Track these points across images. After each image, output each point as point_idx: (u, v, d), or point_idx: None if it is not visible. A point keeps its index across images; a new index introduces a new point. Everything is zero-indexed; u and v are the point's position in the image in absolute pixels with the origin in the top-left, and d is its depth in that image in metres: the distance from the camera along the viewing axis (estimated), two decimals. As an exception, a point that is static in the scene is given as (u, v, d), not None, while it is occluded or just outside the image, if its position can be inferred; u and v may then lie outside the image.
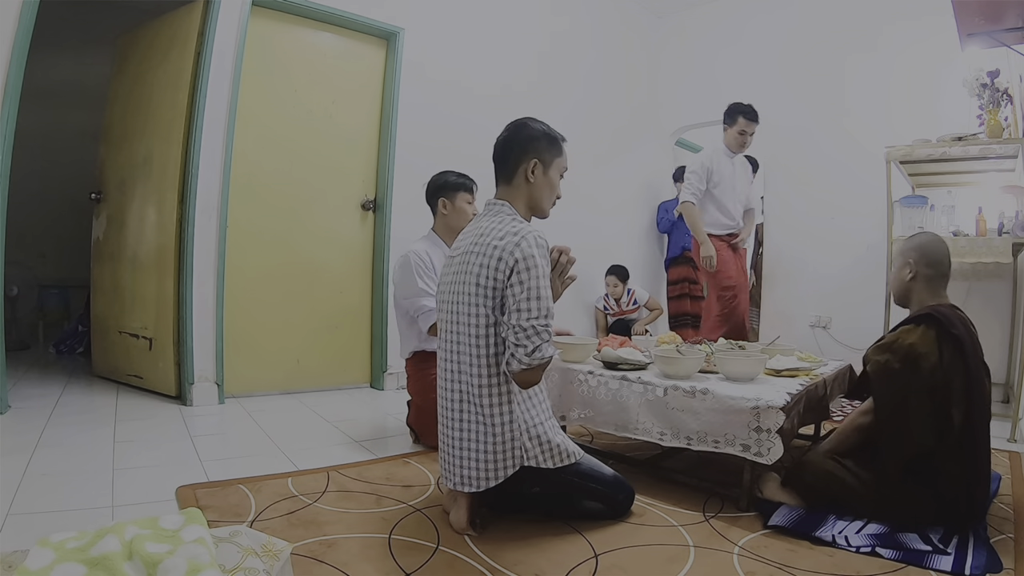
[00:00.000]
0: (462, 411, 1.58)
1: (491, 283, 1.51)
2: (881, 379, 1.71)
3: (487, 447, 1.55)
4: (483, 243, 1.55)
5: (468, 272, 1.56)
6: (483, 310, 1.53)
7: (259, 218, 3.18)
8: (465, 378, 1.57)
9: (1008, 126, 3.03)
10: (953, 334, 1.67)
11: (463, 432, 1.58)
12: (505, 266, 1.49)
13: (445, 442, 1.64)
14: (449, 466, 1.62)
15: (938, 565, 1.44)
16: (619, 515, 1.70)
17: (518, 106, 4.25)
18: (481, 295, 1.52)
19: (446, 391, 1.63)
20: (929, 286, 1.83)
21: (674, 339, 2.53)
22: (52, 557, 1.04)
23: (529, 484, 1.61)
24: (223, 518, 1.61)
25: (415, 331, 2.43)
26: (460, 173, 2.52)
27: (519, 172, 1.64)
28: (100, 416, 2.65)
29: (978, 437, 1.63)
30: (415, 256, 2.38)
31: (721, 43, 4.86)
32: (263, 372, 3.22)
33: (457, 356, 1.59)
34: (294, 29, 3.28)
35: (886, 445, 1.68)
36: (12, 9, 2.42)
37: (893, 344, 1.72)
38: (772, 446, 1.70)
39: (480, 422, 1.55)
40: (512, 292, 1.48)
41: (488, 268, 1.52)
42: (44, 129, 4.43)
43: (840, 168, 4.11)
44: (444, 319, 1.65)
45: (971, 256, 2.99)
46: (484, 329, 1.53)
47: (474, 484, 1.57)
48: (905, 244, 1.92)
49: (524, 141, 1.65)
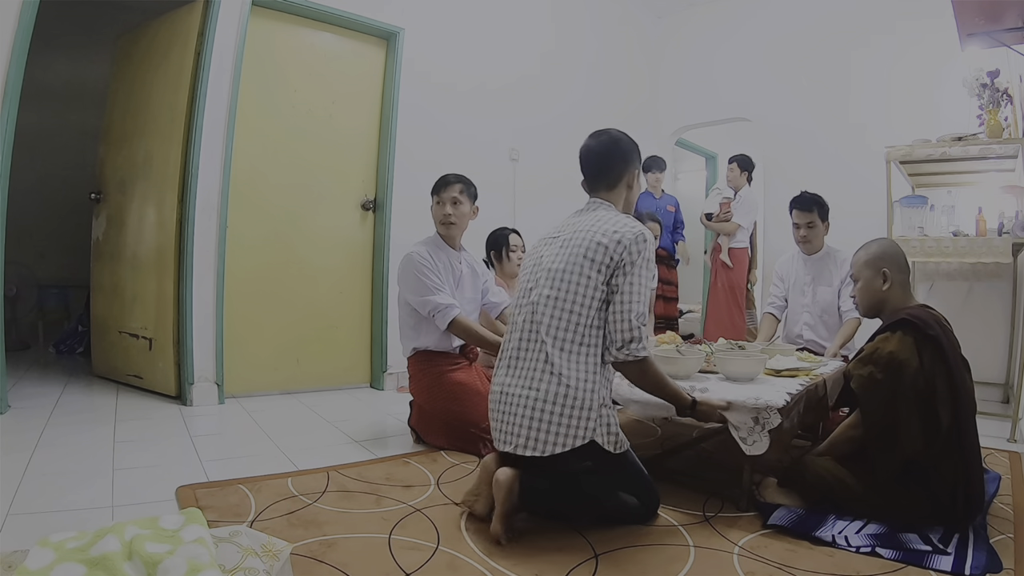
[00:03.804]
0: (543, 371, 1.58)
1: (607, 259, 1.60)
2: (866, 391, 1.71)
3: (564, 410, 1.55)
4: (601, 228, 1.65)
5: (585, 246, 1.63)
6: (592, 280, 1.60)
7: (259, 218, 3.18)
8: (551, 340, 1.59)
9: (1008, 126, 3.03)
10: (931, 335, 1.68)
11: (539, 392, 1.57)
12: (624, 251, 1.60)
13: (511, 403, 1.62)
14: (513, 427, 1.60)
15: (938, 565, 1.44)
16: (648, 516, 1.70)
17: (519, 106, 4.29)
18: (595, 268, 1.60)
19: (522, 351, 1.64)
20: (903, 290, 1.86)
21: (674, 339, 2.53)
22: (52, 557, 1.04)
23: (583, 458, 1.60)
24: (223, 518, 1.61)
25: (419, 330, 2.43)
26: (447, 174, 2.52)
27: (622, 180, 1.81)
28: (100, 416, 2.65)
29: (967, 433, 1.64)
30: (417, 255, 2.37)
31: (721, 43, 4.87)
32: (263, 372, 3.22)
33: (547, 319, 1.61)
34: (294, 29, 3.28)
35: (877, 453, 1.68)
36: (12, 9, 2.42)
37: (873, 355, 1.72)
38: (758, 440, 1.70)
39: (562, 383, 1.56)
40: (616, 281, 1.60)
41: (604, 246, 1.61)
42: (44, 129, 4.43)
43: (840, 168, 4.11)
44: (536, 283, 1.68)
45: (971, 256, 2.99)
46: (585, 299, 1.60)
47: (540, 447, 1.56)
48: (869, 255, 1.89)
49: (626, 153, 1.81)
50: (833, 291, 2.86)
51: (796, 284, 2.99)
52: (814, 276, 2.92)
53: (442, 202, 2.47)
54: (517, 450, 1.59)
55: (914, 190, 3.74)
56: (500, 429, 1.65)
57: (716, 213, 4.53)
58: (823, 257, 2.93)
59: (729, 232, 4.42)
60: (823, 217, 2.88)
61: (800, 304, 2.96)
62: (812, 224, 2.86)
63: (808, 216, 2.86)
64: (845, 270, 2.83)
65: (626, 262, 1.59)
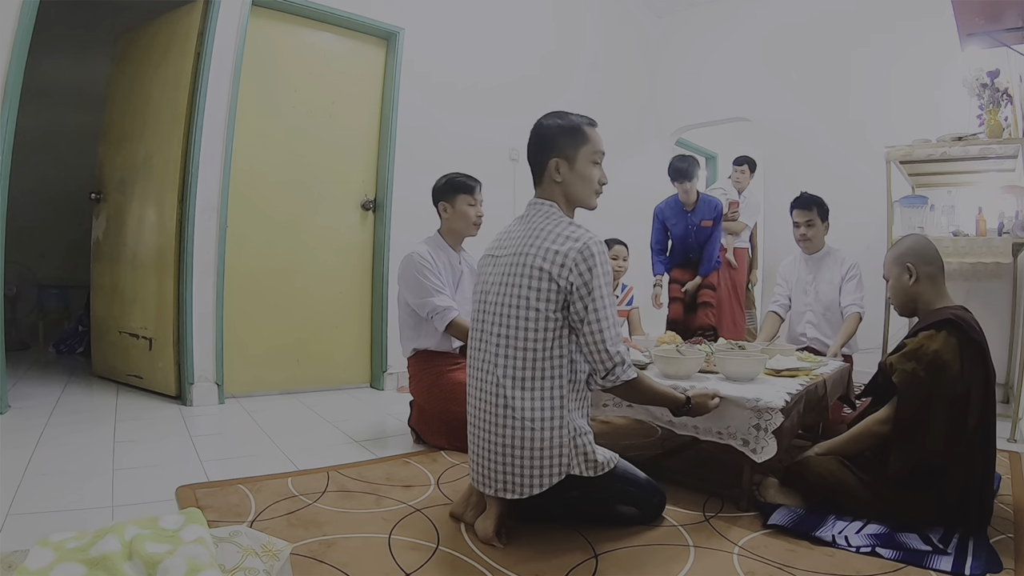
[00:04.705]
0: (505, 416, 1.50)
1: (552, 286, 1.46)
2: (908, 387, 1.68)
3: (532, 453, 1.49)
4: (538, 245, 1.51)
5: (522, 274, 1.50)
6: (542, 313, 1.47)
7: (259, 218, 3.18)
8: (509, 382, 1.50)
9: (1008, 126, 3.03)
10: (974, 339, 1.67)
11: (505, 438, 1.51)
12: (569, 273, 1.45)
13: (482, 447, 1.56)
14: (487, 471, 1.55)
15: (938, 565, 1.44)
16: (652, 519, 1.69)
17: (518, 106, 4.29)
18: (541, 299, 1.47)
19: (483, 392, 1.56)
20: (934, 285, 1.82)
21: (674, 339, 2.53)
22: (52, 557, 1.04)
23: (567, 489, 1.56)
24: (223, 518, 1.61)
25: (419, 331, 2.42)
26: (464, 174, 2.50)
27: (545, 173, 1.60)
28: (100, 416, 2.65)
29: (989, 440, 1.64)
30: (418, 256, 2.36)
31: (721, 43, 4.87)
32: (263, 372, 3.22)
33: (502, 360, 1.51)
34: (294, 29, 3.28)
35: (896, 450, 1.67)
36: (12, 9, 2.42)
37: (918, 352, 1.69)
38: (766, 445, 1.70)
39: (526, 427, 1.49)
40: (576, 309, 1.46)
41: (546, 272, 1.47)
42: (44, 129, 4.43)
43: (840, 168, 4.11)
44: (484, 320, 1.58)
45: (971, 256, 2.99)
46: (539, 333, 1.48)
47: (517, 491, 1.51)
48: (895, 252, 1.89)
49: (542, 140, 1.61)
50: (834, 288, 2.91)
51: (799, 284, 3.04)
52: (816, 275, 2.97)
53: (476, 203, 2.47)
54: (497, 494, 1.54)
55: (914, 190, 3.74)
56: (476, 470, 1.60)
57: (724, 212, 4.51)
58: (824, 256, 2.98)
59: (736, 232, 4.43)
60: (822, 217, 2.94)
61: (803, 303, 3.01)
62: (811, 223, 2.92)
63: (807, 215, 2.92)
64: (846, 268, 2.88)
65: (578, 285, 1.45)
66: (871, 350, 3.18)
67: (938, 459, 1.63)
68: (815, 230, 2.93)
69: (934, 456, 1.63)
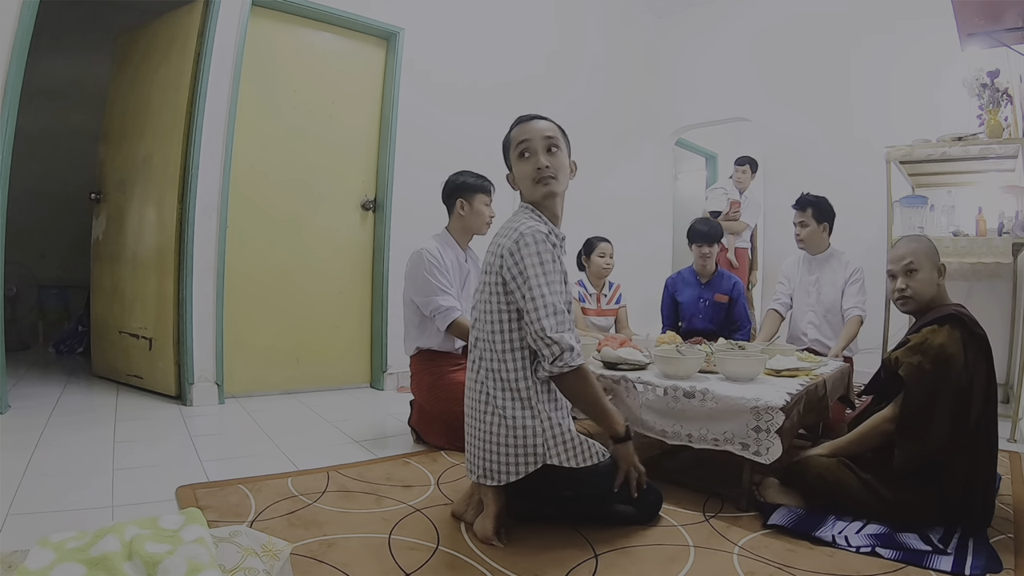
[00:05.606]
0: (486, 404, 1.59)
1: (499, 279, 1.57)
2: (914, 380, 1.69)
3: (507, 441, 1.56)
4: (496, 242, 1.62)
5: (487, 272, 1.62)
6: (499, 307, 1.57)
7: (259, 218, 3.18)
8: (488, 374, 1.60)
9: (1008, 126, 3.03)
10: (978, 333, 1.69)
11: (486, 425, 1.59)
12: (506, 263, 1.54)
13: (471, 434, 1.65)
14: (474, 458, 1.63)
15: (938, 565, 1.44)
16: (649, 519, 1.69)
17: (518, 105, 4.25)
18: (496, 293, 1.58)
19: (475, 382, 1.64)
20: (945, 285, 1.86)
21: (674, 339, 2.53)
22: (52, 557, 1.04)
23: (562, 487, 1.60)
24: (223, 518, 1.61)
25: (423, 329, 2.42)
26: (478, 174, 2.50)
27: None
28: (100, 416, 2.65)
29: (991, 436, 1.65)
30: (427, 254, 2.36)
31: (721, 43, 4.87)
32: (263, 372, 3.22)
33: (482, 353, 1.63)
34: (294, 29, 3.28)
35: (903, 442, 1.67)
36: (12, 9, 2.42)
37: (923, 345, 1.70)
38: (771, 446, 1.70)
39: (501, 415, 1.56)
40: (516, 298, 1.54)
41: (495, 266, 1.58)
42: (44, 129, 4.43)
43: (840, 168, 4.11)
44: (474, 318, 1.69)
45: (971, 256, 2.99)
46: (499, 326, 1.57)
47: (495, 478, 1.57)
48: (928, 249, 1.85)
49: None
50: (837, 291, 2.91)
51: (801, 284, 3.04)
52: (819, 276, 2.97)
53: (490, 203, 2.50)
54: (478, 480, 1.62)
55: (914, 190, 3.74)
56: (467, 456, 1.68)
57: (725, 212, 4.52)
58: (828, 258, 2.98)
59: (738, 231, 4.43)
60: (818, 218, 2.93)
61: (805, 304, 3.01)
62: (804, 223, 2.94)
63: (801, 215, 2.95)
64: (849, 271, 2.87)
65: (514, 274, 1.52)
66: (871, 351, 3.18)
67: (942, 453, 1.63)
68: (808, 231, 2.93)
69: (938, 450, 1.63)
